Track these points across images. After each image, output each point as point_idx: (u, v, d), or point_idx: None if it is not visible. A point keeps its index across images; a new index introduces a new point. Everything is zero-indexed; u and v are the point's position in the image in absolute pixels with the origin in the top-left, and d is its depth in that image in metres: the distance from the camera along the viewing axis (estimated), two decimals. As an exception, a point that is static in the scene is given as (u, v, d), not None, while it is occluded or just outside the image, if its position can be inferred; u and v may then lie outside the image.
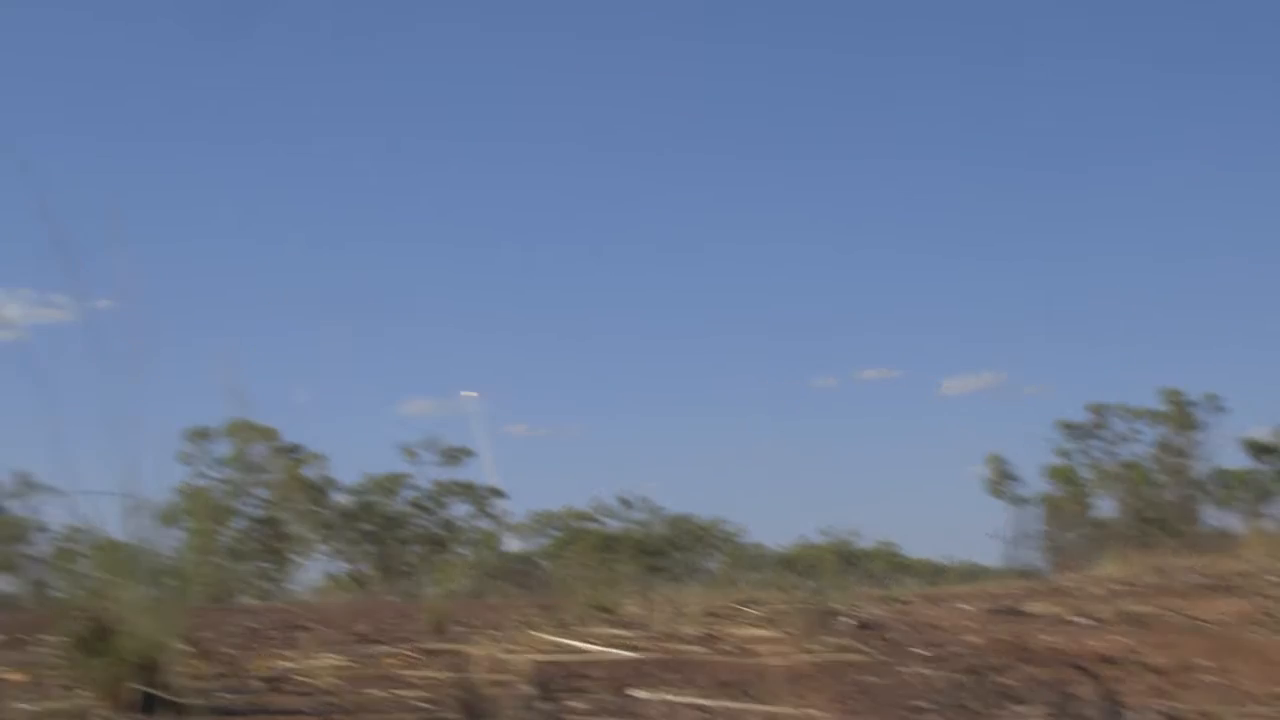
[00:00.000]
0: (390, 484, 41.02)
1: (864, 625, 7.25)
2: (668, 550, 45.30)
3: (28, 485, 36.62)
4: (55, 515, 36.15)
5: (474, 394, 53.06)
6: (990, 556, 42.54)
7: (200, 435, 38.41)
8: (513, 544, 45.43)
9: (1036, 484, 41.45)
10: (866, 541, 51.76)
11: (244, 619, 8.08)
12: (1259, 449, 38.15)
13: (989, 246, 67.97)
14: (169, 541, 3.83)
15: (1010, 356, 72.59)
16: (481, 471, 43.84)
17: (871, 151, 69.91)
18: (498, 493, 42.92)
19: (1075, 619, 7.73)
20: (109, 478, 3.60)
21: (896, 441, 68.99)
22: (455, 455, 42.19)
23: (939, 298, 69.36)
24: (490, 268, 70.05)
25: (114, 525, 3.67)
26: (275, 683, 4.49)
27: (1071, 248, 68.21)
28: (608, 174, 71.71)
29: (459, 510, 42.62)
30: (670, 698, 4.24)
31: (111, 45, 64.12)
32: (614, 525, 45.99)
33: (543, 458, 62.61)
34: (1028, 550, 37.63)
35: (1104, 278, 66.11)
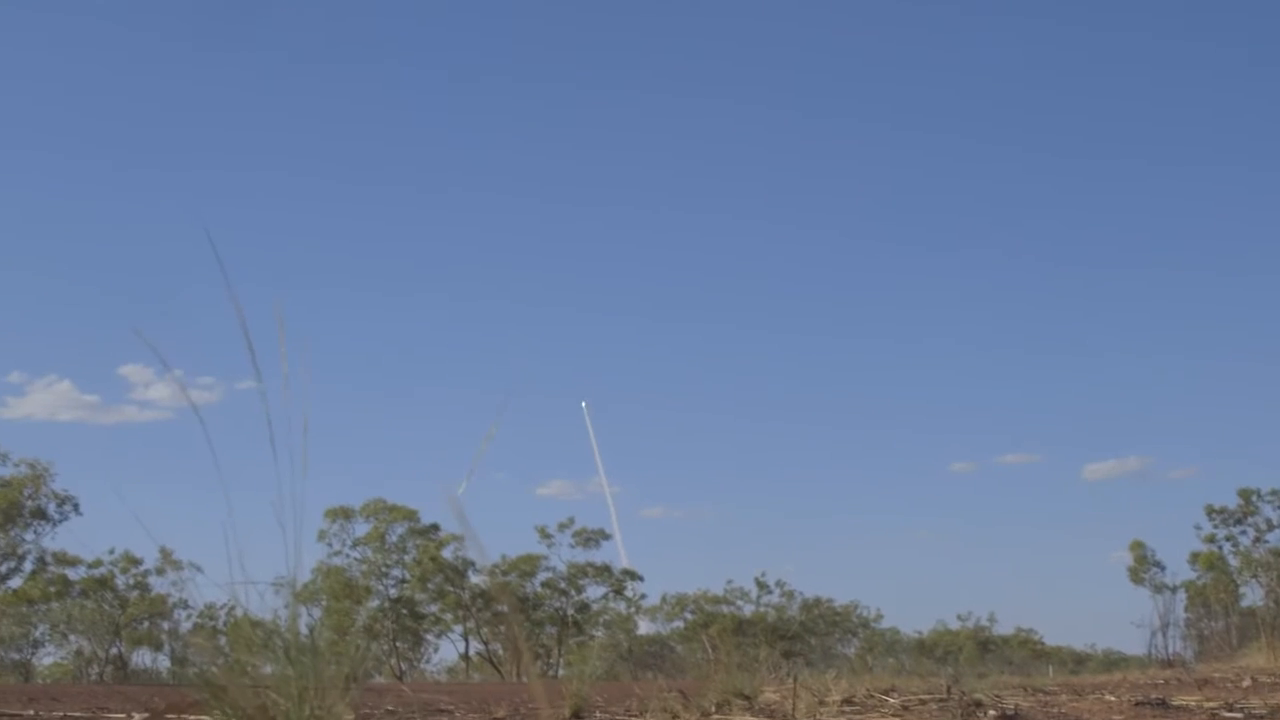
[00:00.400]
0: (526, 566, 41.14)
1: (1010, 718, 7.00)
2: (802, 634, 44.64)
3: (170, 562, 37.54)
4: (197, 592, 36.89)
5: (587, 404, 53.41)
6: (1132, 644, 41.21)
7: (340, 514, 39.04)
8: (646, 626, 45.22)
9: (1181, 571, 40.25)
10: (1004, 627, 50.58)
11: (382, 700, 8.07)
12: None
13: (1135, 334, 66.72)
14: (307, 620, 3.81)
15: (1157, 440, 70.85)
16: (617, 554, 43.74)
17: (1019, 249, 69.41)
18: (632, 575, 42.81)
19: (1229, 714, 7.35)
20: (252, 556, 3.59)
21: (1036, 527, 67.62)
22: (591, 537, 42.21)
23: (1080, 384, 68.15)
24: (629, 348, 70.71)
25: (255, 603, 3.65)
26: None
27: (1221, 335, 66.66)
28: (756, 255, 72.12)
29: (594, 592, 42.55)
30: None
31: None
32: (748, 609, 45.51)
33: (679, 540, 62.49)
34: (1171, 639, 36.47)
35: (1256, 363, 64.34)
